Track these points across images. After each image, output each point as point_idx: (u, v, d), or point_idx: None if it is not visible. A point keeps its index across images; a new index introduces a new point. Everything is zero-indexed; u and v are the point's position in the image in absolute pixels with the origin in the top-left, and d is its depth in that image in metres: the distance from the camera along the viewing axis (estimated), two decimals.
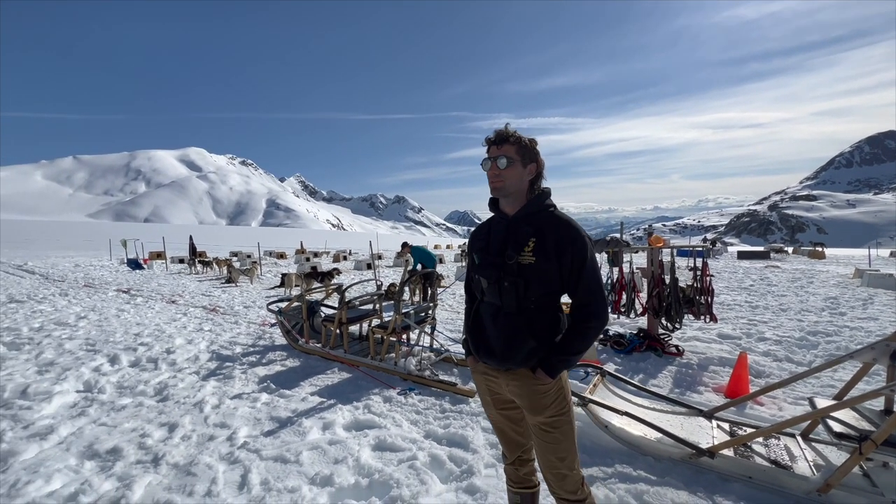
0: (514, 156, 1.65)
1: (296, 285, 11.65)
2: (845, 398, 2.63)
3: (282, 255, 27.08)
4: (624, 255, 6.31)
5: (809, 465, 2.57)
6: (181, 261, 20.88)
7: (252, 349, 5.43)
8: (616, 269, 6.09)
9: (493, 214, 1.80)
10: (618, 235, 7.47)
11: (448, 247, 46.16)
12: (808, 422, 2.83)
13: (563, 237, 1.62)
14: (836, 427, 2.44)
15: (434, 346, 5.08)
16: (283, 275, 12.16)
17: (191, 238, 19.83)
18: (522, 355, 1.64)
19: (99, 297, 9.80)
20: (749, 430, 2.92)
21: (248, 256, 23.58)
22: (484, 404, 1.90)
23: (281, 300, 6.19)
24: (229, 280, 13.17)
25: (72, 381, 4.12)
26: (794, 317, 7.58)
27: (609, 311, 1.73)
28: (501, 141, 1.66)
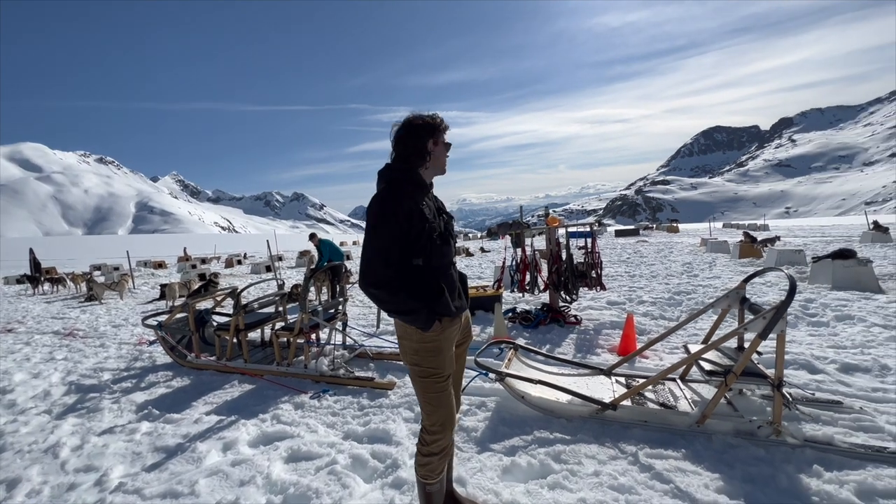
0: None
1: (180, 296, 10.20)
2: (710, 342, 3.09)
3: (160, 265, 23.59)
4: (525, 238, 6.70)
5: (689, 403, 2.97)
6: (19, 280, 16.92)
7: (126, 373, 4.59)
8: (519, 250, 6.43)
9: (414, 185, 1.82)
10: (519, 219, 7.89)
11: (354, 243, 44.72)
12: (685, 366, 3.28)
13: None
14: (707, 366, 2.85)
15: (347, 343, 4.83)
16: (163, 286, 10.58)
17: (31, 252, 16.17)
18: None
19: None
20: (640, 381, 3.29)
21: (116, 269, 20.06)
22: (449, 363, 1.89)
23: (160, 313, 5.33)
24: (91, 298, 11.04)
25: None
26: (663, 281, 8.86)
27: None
28: None
